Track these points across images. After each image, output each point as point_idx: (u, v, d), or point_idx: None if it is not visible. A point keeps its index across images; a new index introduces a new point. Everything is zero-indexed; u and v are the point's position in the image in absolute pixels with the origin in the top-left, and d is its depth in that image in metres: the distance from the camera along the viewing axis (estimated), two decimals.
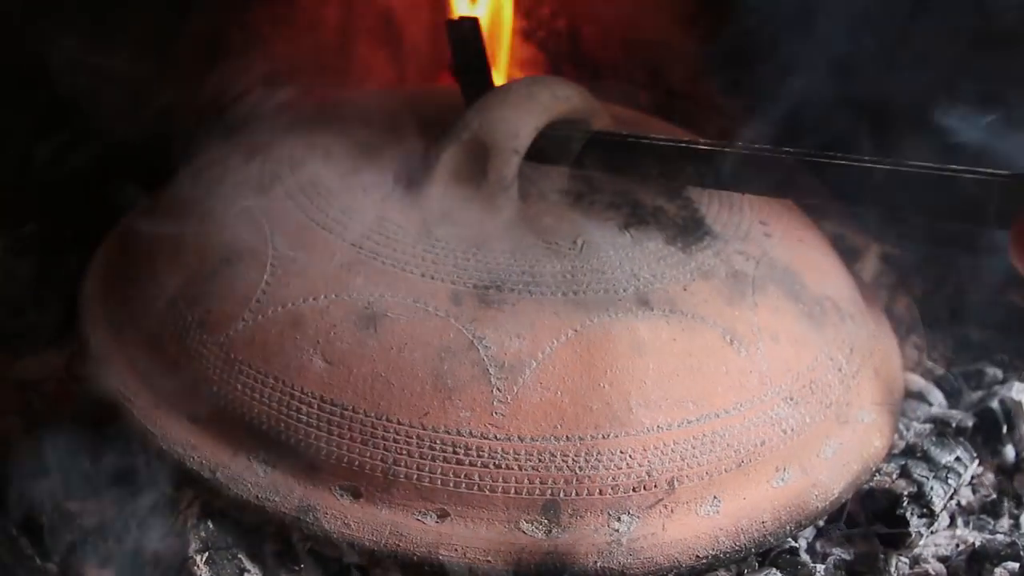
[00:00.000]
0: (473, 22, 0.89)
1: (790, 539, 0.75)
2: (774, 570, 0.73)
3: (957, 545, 0.77)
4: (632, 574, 0.68)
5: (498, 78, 0.91)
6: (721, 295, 0.77)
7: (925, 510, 0.75)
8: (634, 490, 0.69)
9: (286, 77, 0.94)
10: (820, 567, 0.74)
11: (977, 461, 0.81)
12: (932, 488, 0.76)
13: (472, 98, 0.84)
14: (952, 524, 0.79)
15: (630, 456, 0.70)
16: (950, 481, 0.78)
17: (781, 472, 0.74)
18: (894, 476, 0.77)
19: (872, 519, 0.76)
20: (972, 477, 0.81)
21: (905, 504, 0.75)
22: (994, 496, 0.82)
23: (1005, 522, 0.79)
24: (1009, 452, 0.84)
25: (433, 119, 0.84)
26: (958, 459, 0.80)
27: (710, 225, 0.83)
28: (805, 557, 0.75)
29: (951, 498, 0.78)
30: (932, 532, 0.76)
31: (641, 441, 0.70)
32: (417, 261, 0.75)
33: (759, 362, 0.75)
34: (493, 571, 0.67)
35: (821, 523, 0.78)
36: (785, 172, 0.77)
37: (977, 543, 0.76)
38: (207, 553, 0.69)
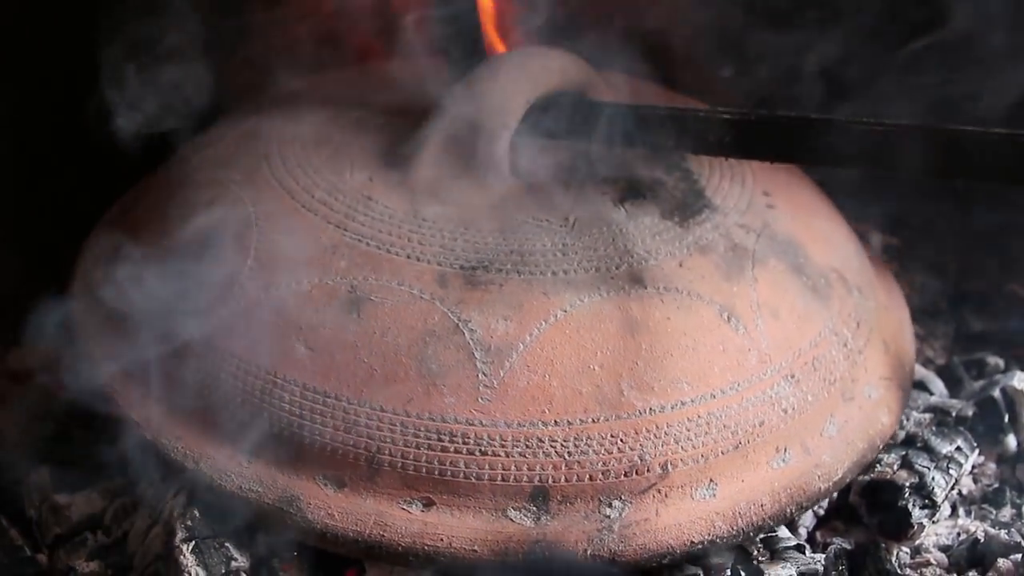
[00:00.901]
0: None
1: (786, 530, 0.73)
2: (773, 559, 0.71)
3: (959, 535, 0.75)
4: (623, 561, 0.66)
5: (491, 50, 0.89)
6: (719, 270, 0.74)
7: (927, 501, 0.74)
8: (626, 475, 0.67)
9: (279, 64, 0.92)
10: (820, 557, 0.72)
11: (978, 451, 0.80)
12: (933, 479, 0.75)
13: (462, 72, 0.81)
14: (954, 514, 0.77)
15: (621, 440, 0.68)
16: (951, 471, 0.76)
17: (781, 453, 0.72)
18: (895, 467, 0.75)
19: (873, 510, 0.75)
20: (973, 467, 0.79)
21: (907, 495, 0.73)
22: (996, 485, 0.80)
23: (1007, 511, 0.78)
24: (1011, 441, 0.82)
25: (421, 95, 0.82)
26: (959, 449, 0.78)
27: (710, 197, 0.80)
28: (806, 547, 0.73)
29: (952, 488, 0.76)
30: (934, 522, 0.74)
31: (633, 424, 0.68)
32: (403, 243, 0.73)
33: (758, 339, 0.72)
34: (480, 561, 0.66)
35: (822, 511, 0.75)
36: (800, 136, 0.74)
37: (979, 533, 0.74)
38: (194, 542, 0.68)
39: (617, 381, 0.68)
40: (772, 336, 0.73)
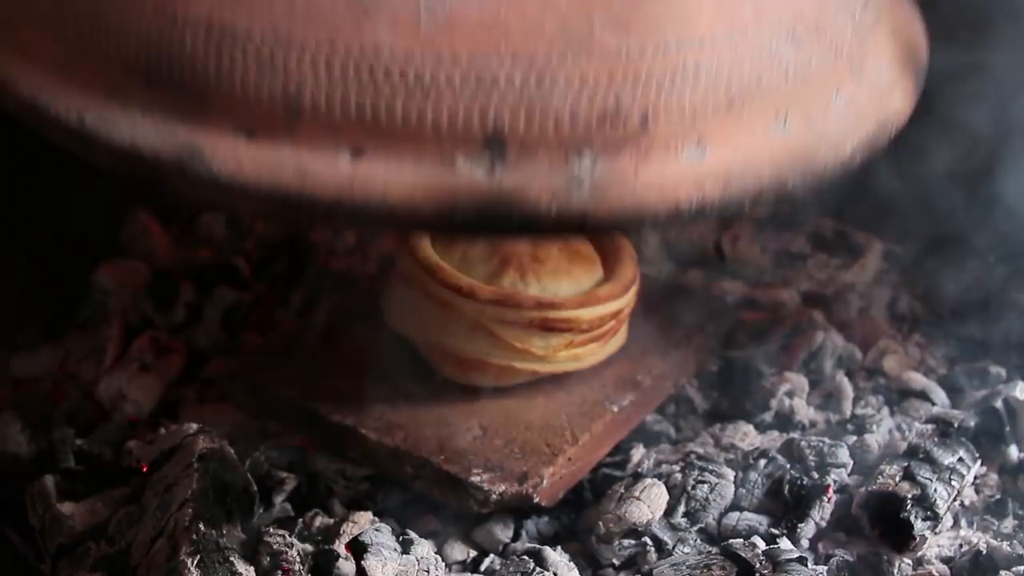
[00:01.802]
0: None
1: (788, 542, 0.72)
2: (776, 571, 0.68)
3: (961, 546, 0.75)
4: (597, 221, 0.56)
5: None
6: None
7: (929, 512, 0.73)
8: (598, 123, 0.56)
9: None
10: (822, 569, 0.70)
11: (979, 461, 0.78)
12: (936, 490, 0.74)
13: None
14: (956, 525, 0.76)
15: (593, 83, 0.56)
16: (953, 482, 0.75)
17: (782, 119, 0.61)
18: (897, 479, 0.74)
19: (875, 521, 0.73)
20: (975, 477, 0.79)
21: (909, 507, 0.72)
22: (998, 496, 0.79)
23: (1009, 523, 0.77)
24: (1013, 452, 0.81)
25: None
26: (960, 460, 0.77)
27: None
28: (808, 559, 0.72)
29: (954, 499, 0.75)
30: (936, 533, 0.74)
31: (607, 66, 0.56)
32: None
33: None
34: (421, 215, 0.55)
35: (824, 522, 0.74)
36: None
37: (981, 544, 0.74)
38: (198, 556, 0.65)
39: (588, 17, 0.57)
40: None
